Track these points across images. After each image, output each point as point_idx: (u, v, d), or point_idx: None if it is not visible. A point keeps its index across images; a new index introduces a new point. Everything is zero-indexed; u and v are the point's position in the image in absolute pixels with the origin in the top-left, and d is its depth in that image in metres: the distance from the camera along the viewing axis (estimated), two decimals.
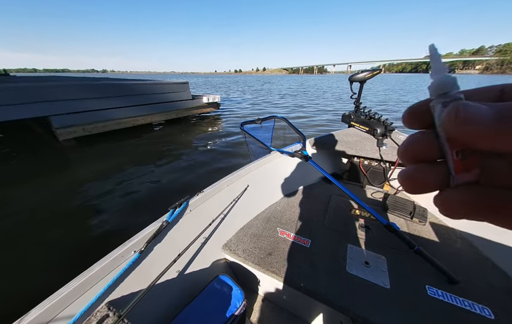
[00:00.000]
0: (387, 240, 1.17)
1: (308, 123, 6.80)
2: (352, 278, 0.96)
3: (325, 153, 1.84)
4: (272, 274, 0.99)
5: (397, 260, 1.06)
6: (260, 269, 1.02)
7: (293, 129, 1.47)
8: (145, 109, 5.91)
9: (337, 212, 1.42)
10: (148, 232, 0.85)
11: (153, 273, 0.76)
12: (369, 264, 1.04)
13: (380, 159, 1.52)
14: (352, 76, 1.39)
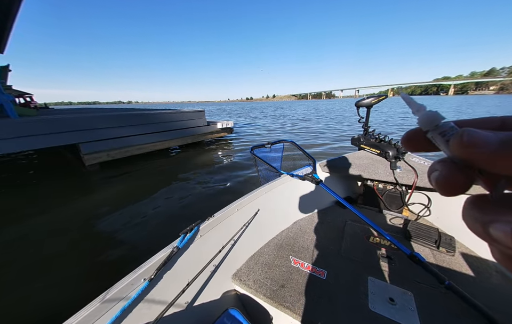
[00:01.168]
0: (412, 272, 1.07)
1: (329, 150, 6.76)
2: (377, 318, 0.87)
3: (337, 177, 1.80)
4: (286, 309, 0.92)
5: (426, 296, 0.96)
6: (273, 304, 0.96)
7: (302, 152, 1.49)
8: (164, 135, 6.32)
9: (354, 240, 1.34)
10: (159, 258, 0.83)
11: (161, 303, 0.74)
12: (395, 301, 0.94)
13: (396, 182, 1.45)
14: (358, 102, 1.41)
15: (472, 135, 0.12)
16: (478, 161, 0.12)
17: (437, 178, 0.15)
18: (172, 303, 0.74)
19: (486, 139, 0.12)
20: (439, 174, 0.14)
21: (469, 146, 0.12)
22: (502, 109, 20.71)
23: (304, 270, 1.12)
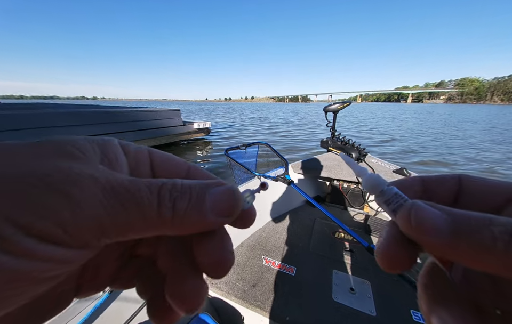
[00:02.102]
0: (371, 263, 1.19)
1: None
2: (339, 308, 0.95)
3: (307, 177, 1.91)
4: (256, 308, 0.95)
5: (381, 284, 1.07)
6: (244, 304, 0.98)
7: (276, 154, 1.56)
8: (135, 135, 5.92)
9: (322, 236, 1.44)
10: None
11: (123, 315, 0.70)
12: (355, 290, 1.03)
13: (358, 182, 1.61)
14: (326, 107, 1.53)
15: (420, 217, 0.11)
16: (427, 248, 0.11)
17: (377, 248, 0.13)
18: (135, 314, 0.72)
19: (436, 224, 0.10)
20: (381, 244, 0.12)
21: (417, 230, 0.11)
22: (452, 117, 23.95)
23: (275, 269, 1.17)
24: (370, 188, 0.14)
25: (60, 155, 0.11)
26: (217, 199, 0.12)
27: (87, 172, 0.10)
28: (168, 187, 0.11)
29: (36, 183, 0.09)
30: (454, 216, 0.11)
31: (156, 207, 0.11)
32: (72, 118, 4.80)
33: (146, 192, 0.11)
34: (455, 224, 0.10)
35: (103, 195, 0.10)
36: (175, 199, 0.11)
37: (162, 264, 0.14)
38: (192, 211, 0.11)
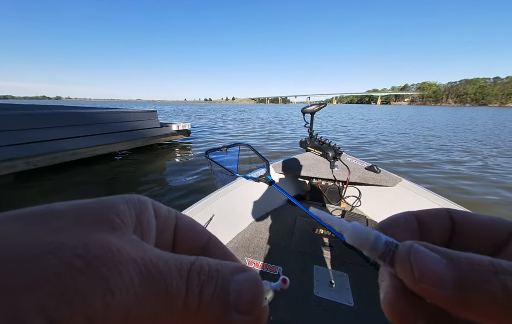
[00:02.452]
0: (348, 256, 1.26)
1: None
2: (320, 302, 0.99)
3: (288, 176, 1.97)
4: None
5: (357, 275, 1.14)
6: None
7: (257, 155, 1.57)
8: (106, 138, 5.50)
9: (303, 234, 1.49)
10: None
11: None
12: (334, 284, 1.09)
13: (334, 179, 1.70)
14: (303, 108, 1.60)
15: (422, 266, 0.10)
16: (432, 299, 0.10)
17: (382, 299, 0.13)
18: None
19: (439, 274, 0.09)
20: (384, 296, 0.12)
21: (420, 281, 0.10)
22: (416, 117, 26.41)
23: (258, 270, 1.18)
24: (357, 244, 0.12)
25: (101, 224, 0.10)
26: (241, 289, 0.11)
27: (126, 250, 0.10)
28: (197, 269, 0.10)
29: (82, 265, 0.08)
30: (454, 261, 0.10)
31: (183, 295, 0.10)
32: (28, 120, 4.29)
33: (176, 276, 0.10)
34: (458, 271, 0.09)
35: (138, 280, 0.09)
36: (203, 285, 0.10)
37: None
38: (216, 302, 0.10)
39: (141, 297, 0.09)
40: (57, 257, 0.08)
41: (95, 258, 0.09)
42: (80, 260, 0.08)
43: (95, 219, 0.10)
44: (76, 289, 0.08)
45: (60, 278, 0.08)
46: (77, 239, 0.09)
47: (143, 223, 0.12)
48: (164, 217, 0.14)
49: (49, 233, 0.09)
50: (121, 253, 0.09)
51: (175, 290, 0.10)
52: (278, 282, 0.13)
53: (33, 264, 0.08)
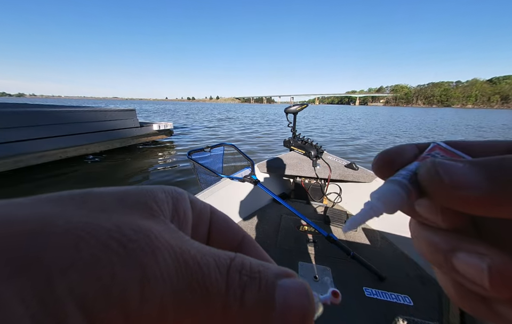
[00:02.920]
0: (330, 250, 1.31)
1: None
2: None
3: (273, 176, 2.00)
4: None
5: (339, 268, 1.19)
6: None
7: (242, 155, 1.57)
8: (79, 139, 5.11)
9: (288, 231, 1.53)
10: None
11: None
12: (317, 278, 1.13)
13: (316, 177, 1.76)
14: (286, 109, 1.64)
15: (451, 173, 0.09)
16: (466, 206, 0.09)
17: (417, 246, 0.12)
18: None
19: (469, 176, 0.09)
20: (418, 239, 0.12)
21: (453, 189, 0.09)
22: (391, 117, 28.24)
23: None
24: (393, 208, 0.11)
25: (140, 209, 0.10)
26: (289, 297, 0.09)
27: (164, 237, 0.09)
28: (238, 267, 0.09)
29: (118, 248, 0.08)
30: (479, 163, 0.09)
31: (223, 294, 0.09)
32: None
33: (215, 271, 0.09)
34: (486, 169, 0.09)
35: (175, 271, 0.08)
36: (245, 286, 0.09)
37: None
38: (259, 308, 0.09)
39: (177, 289, 0.08)
40: (94, 237, 0.08)
41: (131, 241, 0.08)
42: (116, 242, 0.08)
43: (133, 204, 0.10)
44: (112, 274, 0.07)
45: (96, 260, 0.07)
46: (114, 221, 0.09)
47: (180, 213, 0.12)
48: (199, 210, 0.14)
49: (87, 215, 0.09)
50: (159, 240, 0.09)
51: (214, 287, 0.09)
52: (327, 294, 0.11)
53: (69, 245, 0.07)
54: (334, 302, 0.11)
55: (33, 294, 0.06)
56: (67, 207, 0.09)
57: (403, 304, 1.00)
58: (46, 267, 0.07)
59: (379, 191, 0.12)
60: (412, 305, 1.00)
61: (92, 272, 0.07)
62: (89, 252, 0.07)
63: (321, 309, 0.10)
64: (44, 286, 0.06)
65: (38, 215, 0.08)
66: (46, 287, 0.06)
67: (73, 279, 0.07)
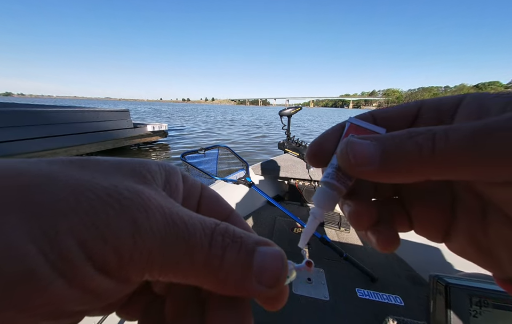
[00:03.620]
0: (323, 251, 1.32)
1: None
2: (299, 299, 1.02)
3: (268, 178, 2.00)
4: None
5: (332, 269, 1.20)
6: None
7: (236, 157, 1.57)
8: (70, 140, 4.98)
9: (282, 233, 1.53)
10: None
11: None
12: (311, 280, 1.13)
13: (310, 179, 1.78)
14: (281, 111, 1.65)
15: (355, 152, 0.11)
16: (367, 178, 0.12)
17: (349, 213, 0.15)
18: None
19: (368, 153, 0.11)
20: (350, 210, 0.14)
21: (356, 166, 0.11)
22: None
23: None
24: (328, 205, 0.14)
25: (134, 176, 0.11)
26: (265, 260, 0.11)
27: (156, 198, 0.10)
28: (221, 230, 0.11)
29: (114, 203, 0.09)
30: (380, 140, 0.11)
31: (206, 251, 0.10)
32: None
33: (200, 231, 0.10)
34: (383, 146, 0.11)
35: (164, 227, 0.09)
36: (226, 247, 0.10)
37: (170, 311, 0.13)
38: (238, 266, 0.10)
39: (165, 243, 0.09)
40: (92, 192, 0.09)
41: (126, 199, 0.09)
42: (112, 198, 0.09)
43: (129, 172, 0.11)
44: (108, 223, 0.08)
45: (94, 210, 0.08)
46: (111, 182, 0.10)
47: (171, 184, 0.13)
48: (190, 184, 0.15)
49: (86, 174, 0.10)
50: (151, 200, 0.10)
51: (198, 244, 0.10)
52: (302, 264, 0.13)
53: (70, 196, 0.08)
54: (307, 270, 0.13)
55: (40, 232, 0.07)
56: (67, 167, 0.10)
57: (394, 304, 1.02)
58: (51, 211, 0.08)
59: (316, 197, 0.14)
60: (403, 305, 1.01)
61: (90, 219, 0.08)
62: (88, 203, 0.08)
63: (295, 274, 0.12)
64: (49, 227, 0.08)
65: (44, 171, 0.09)
66: (52, 228, 0.08)
67: (74, 223, 0.08)
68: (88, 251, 0.08)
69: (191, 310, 0.12)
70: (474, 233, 0.13)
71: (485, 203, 0.12)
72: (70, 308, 0.08)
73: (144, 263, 0.09)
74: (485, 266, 0.13)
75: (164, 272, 0.09)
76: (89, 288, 0.08)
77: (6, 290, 0.07)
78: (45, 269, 0.07)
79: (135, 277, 0.09)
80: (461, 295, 0.38)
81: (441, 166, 0.10)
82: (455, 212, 0.14)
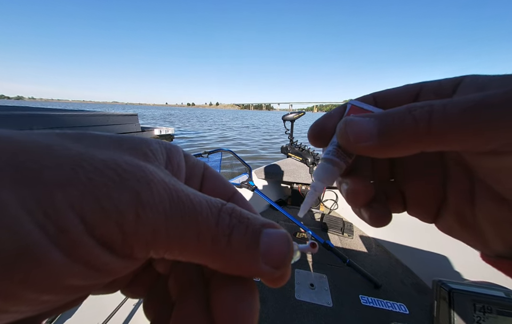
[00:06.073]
0: (326, 257, 1.29)
1: None
2: (301, 305, 1.00)
3: (270, 182, 2.00)
4: None
5: (335, 276, 1.18)
6: None
7: (240, 161, 1.58)
8: None
9: None
10: None
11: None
12: (314, 286, 1.11)
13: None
14: (284, 116, 1.67)
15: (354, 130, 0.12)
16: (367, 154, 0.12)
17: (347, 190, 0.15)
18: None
19: (367, 129, 0.12)
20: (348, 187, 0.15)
21: (355, 142, 0.12)
22: None
23: None
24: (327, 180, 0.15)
25: (136, 152, 0.10)
26: (272, 242, 0.11)
27: (159, 174, 0.10)
28: (228, 210, 0.11)
29: (113, 175, 0.08)
30: (379, 117, 0.12)
31: (213, 229, 0.10)
32: None
33: (207, 210, 0.10)
34: (381, 123, 0.11)
35: (169, 203, 0.09)
36: (233, 227, 0.10)
37: (174, 288, 0.13)
38: (245, 247, 0.10)
39: (170, 219, 0.09)
40: (89, 164, 0.08)
41: (126, 172, 0.09)
42: (111, 171, 0.08)
43: (129, 148, 0.11)
44: (109, 196, 0.08)
45: (92, 182, 0.08)
46: (108, 155, 0.09)
47: (173, 163, 0.13)
48: (193, 164, 0.14)
49: (82, 147, 0.09)
50: (154, 175, 0.09)
51: (204, 223, 0.09)
52: (306, 245, 0.13)
53: (66, 166, 0.08)
54: (311, 251, 0.13)
55: (35, 203, 0.07)
56: (62, 139, 0.09)
57: (399, 312, 0.99)
58: (46, 181, 0.07)
59: (316, 172, 0.15)
60: (408, 313, 0.99)
61: (89, 190, 0.08)
62: (85, 175, 0.08)
63: (299, 254, 0.12)
64: (45, 198, 0.07)
65: (37, 140, 0.08)
66: (47, 198, 0.07)
67: (72, 194, 0.07)
68: (89, 224, 0.08)
69: (195, 289, 0.12)
70: (462, 211, 0.13)
71: (473, 182, 0.13)
72: (72, 283, 0.08)
73: (149, 239, 0.09)
74: (472, 242, 0.14)
75: (170, 249, 0.09)
76: (92, 263, 0.08)
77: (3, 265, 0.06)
78: (42, 242, 0.07)
79: (140, 254, 0.09)
80: (464, 301, 0.37)
81: (437, 138, 0.10)
82: (445, 192, 0.14)
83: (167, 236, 0.09)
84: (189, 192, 0.10)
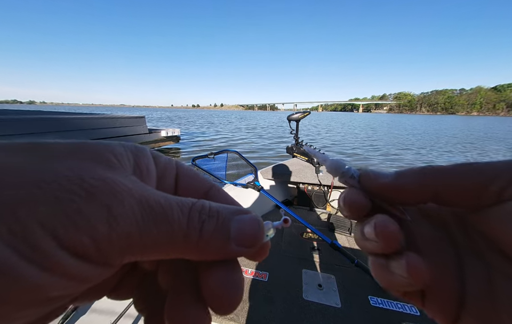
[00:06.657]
0: (334, 258, 1.29)
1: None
2: (309, 305, 1.00)
3: (277, 182, 2.01)
4: (230, 321, 0.93)
5: (343, 276, 1.17)
6: (217, 320, 0.94)
7: (245, 161, 1.59)
8: None
9: (291, 239, 1.52)
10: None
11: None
12: (322, 286, 1.11)
13: (319, 184, 1.76)
14: (289, 116, 1.67)
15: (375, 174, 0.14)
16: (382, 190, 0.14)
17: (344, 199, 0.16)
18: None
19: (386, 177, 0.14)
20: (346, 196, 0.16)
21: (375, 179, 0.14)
22: (394, 124, 27.86)
23: (248, 277, 1.17)
24: (333, 171, 0.16)
25: (98, 161, 0.10)
26: (242, 227, 0.12)
27: (126, 184, 0.10)
28: (198, 208, 0.11)
29: (79, 191, 0.08)
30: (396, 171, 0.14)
31: (184, 228, 0.10)
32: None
33: (177, 211, 0.10)
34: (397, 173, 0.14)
35: (139, 211, 0.09)
36: (203, 222, 0.11)
37: (163, 280, 0.13)
38: (216, 237, 0.11)
39: (143, 226, 0.09)
40: (53, 180, 0.08)
41: (93, 187, 0.09)
42: (77, 187, 0.08)
43: (90, 156, 0.10)
44: (78, 211, 0.08)
45: (57, 198, 0.08)
46: (71, 169, 0.09)
47: (141, 167, 0.12)
48: (164, 165, 0.14)
49: (41, 160, 0.09)
50: (120, 186, 0.10)
51: (176, 223, 0.10)
52: (279, 222, 0.14)
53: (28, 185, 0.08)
54: (284, 226, 0.14)
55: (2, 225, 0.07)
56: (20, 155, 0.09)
57: (409, 313, 0.98)
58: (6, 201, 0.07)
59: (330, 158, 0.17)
60: (419, 315, 0.97)
61: (57, 206, 0.08)
62: (51, 194, 0.08)
63: (272, 231, 0.13)
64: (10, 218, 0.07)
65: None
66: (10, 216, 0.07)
67: (39, 211, 0.07)
68: (60, 238, 0.08)
69: (183, 275, 0.13)
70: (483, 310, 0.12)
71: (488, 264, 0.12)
72: (53, 294, 0.08)
73: (123, 246, 0.09)
74: None
75: (146, 252, 0.10)
76: (68, 274, 0.08)
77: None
78: (13, 260, 0.07)
79: (115, 261, 0.09)
80: None
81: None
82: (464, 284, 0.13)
83: (141, 242, 0.09)
84: (158, 196, 0.10)
